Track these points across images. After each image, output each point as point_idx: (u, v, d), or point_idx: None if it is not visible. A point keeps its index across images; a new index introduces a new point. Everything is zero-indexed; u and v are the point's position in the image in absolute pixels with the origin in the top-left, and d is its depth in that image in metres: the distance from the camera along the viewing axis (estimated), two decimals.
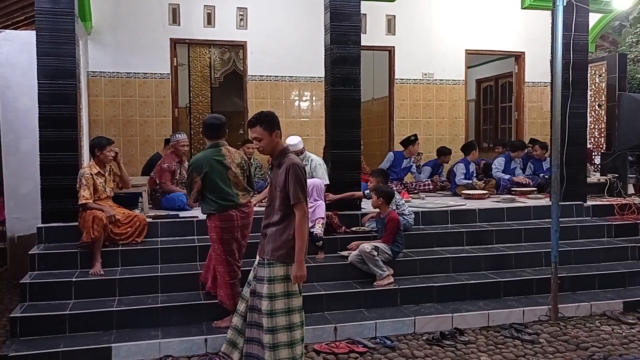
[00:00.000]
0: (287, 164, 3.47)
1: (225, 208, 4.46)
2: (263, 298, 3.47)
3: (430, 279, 5.51)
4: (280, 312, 3.46)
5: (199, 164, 4.49)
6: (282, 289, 3.47)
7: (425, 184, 8.20)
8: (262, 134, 3.49)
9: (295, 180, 3.41)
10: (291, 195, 3.41)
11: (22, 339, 4.35)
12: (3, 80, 6.65)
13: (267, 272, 3.48)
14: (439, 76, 9.31)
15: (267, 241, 3.52)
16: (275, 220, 3.50)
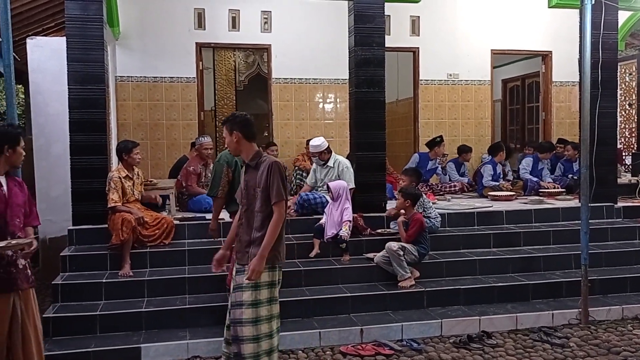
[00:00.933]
0: (267, 162, 3.42)
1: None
2: (244, 306, 3.34)
3: (457, 281, 5.47)
4: (264, 319, 3.38)
5: (231, 157, 4.63)
6: (267, 295, 3.39)
7: (451, 186, 8.14)
8: (225, 133, 3.55)
9: (279, 177, 3.37)
10: (274, 194, 3.35)
11: (54, 338, 4.44)
12: (34, 86, 6.79)
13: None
14: (465, 77, 9.24)
15: (253, 247, 3.40)
16: (258, 223, 3.41)
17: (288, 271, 5.29)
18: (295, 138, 8.79)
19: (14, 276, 3.30)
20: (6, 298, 3.25)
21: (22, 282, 3.34)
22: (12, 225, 3.32)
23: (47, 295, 5.91)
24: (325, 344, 4.63)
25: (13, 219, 3.32)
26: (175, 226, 5.70)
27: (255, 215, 3.42)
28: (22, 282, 3.34)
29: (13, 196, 3.35)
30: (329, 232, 5.52)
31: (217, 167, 4.72)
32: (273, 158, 3.50)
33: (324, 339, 4.65)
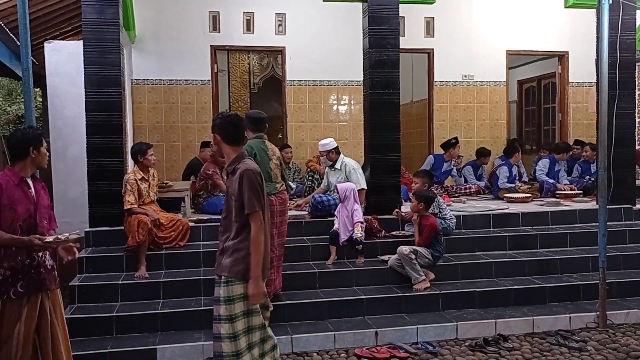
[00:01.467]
0: (240, 170, 3.20)
1: (268, 192, 4.58)
2: (222, 320, 3.17)
3: (473, 283, 5.43)
4: (242, 333, 3.19)
5: (250, 148, 4.66)
6: (242, 308, 3.18)
7: (467, 187, 8.09)
8: (214, 137, 3.37)
9: (250, 186, 3.13)
10: (245, 204, 3.13)
11: (71, 339, 4.43)
12: (52, 89, 6.87)
13: (225, 292, 3.18)
14: (480, 78, 9.18)
15: (225, 256, 3.22)
16: (233, 233, 3.22)
17: (303, 273, 5.32)
18: (310, 140, 8.79)
19: (43, 277, 3.35)
20: (35, 298, 3.31)
21: (51, 282, 3.41)
22: (41, 226, 3.36)
23: (64, 296, 5.92)
24: (340, 346, 4.63)
25: (42, 221, 3.36)
26: (191, 228, 5.73)
27: (232, 225, 3.23)
28: (51, 283, 3.41)
29: (40, 198, 3.40)
30: (343, 236, 5.52)
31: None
32: (249, 164, 3.26)
33: (339, 341, 4.65)
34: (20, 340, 3.25)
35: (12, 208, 3.26)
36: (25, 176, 3.37)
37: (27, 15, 3.99)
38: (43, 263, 3.37)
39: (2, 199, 3.22)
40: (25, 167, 3.34)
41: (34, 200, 3.34)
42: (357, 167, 6.18)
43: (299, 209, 6.66)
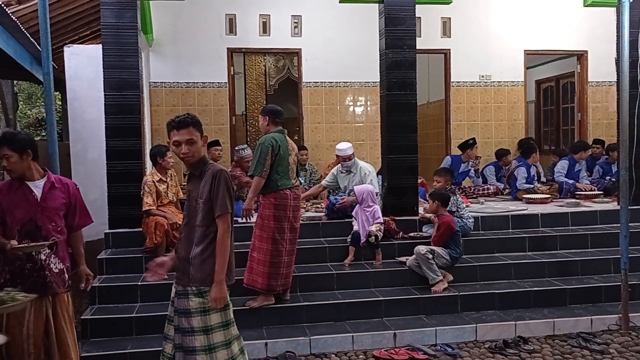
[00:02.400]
0: (212, 170, 3.04)
1: (282, 187, 4.73)
2: (196, 333, 2.99)
3: (492, 285, 5.38)
4: (220, 345, 3.03)
5: (275, 141, 4.74)
6: (219, 319, 3.05)
7: (485, 189, 8.03)
8: (196, 135, 3.05)
9: (225, 188, 3.00)
10: (218, 205, 2.97)
11: (92, 340, 4.53)
12: (71, 93, 6.96)
13: (197, 303, 3.01)
14: (497, 78, 9.11)
15: (193, 266, 3.02)
16: (199, 238, 3.03)
17: (320, 275, 5.32)
18: (326, 142, 8.79)
19: (48, 280, 3.36)
20: (40, 301, 3.30)
21: (58, 286, 3.40)
22: (46, 229, 3.36)
23: (84, 297, 6.03)
24: (358, 348, 4.61)
25: (46, 223, 3.36)
26: None
27: (195, 230, 3.04)
28: (58, 286, 3.40)
29: (48, 200, 3.39)
30: (363, 238, 5.51)
31: (262, 149, 4.73)
32: (219, 166, 3.12)
33: (357, 342, 4.63)
34: (30, 344, 3.28)
35: (10, 212, 3.30)
36: (28, 179, 3.38)
37: (48, 21, 4.04)
38: (48, 266, 3.37)
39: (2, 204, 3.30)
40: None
41: (37, 203, 3.34)
42: (373, 170, 6.16)
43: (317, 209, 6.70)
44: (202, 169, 3.08)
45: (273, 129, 4.89)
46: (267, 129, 4.93)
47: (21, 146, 3.32)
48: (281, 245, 4.74)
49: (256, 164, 4.72)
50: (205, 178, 3.04)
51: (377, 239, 5.48)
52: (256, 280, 4.77)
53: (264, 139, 4.81)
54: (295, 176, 4.93)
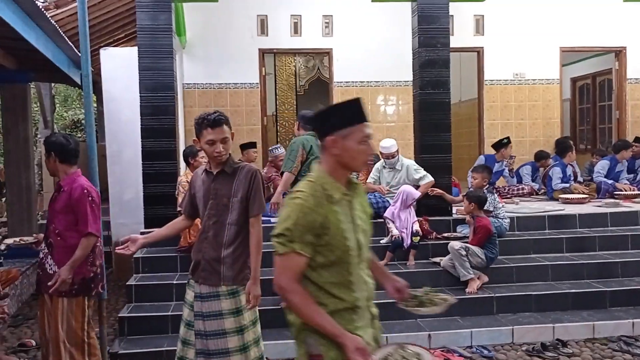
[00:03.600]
0: (248, 169, 3.03)
1: None
2: (229, 335, 2.95)
3: (528, 287, 5.28)
4: (252, 343, 3.03)
5: (307, 142, 4.98)
6: (250, 317, 3.04)
7: (519, 189, 7.88)
8: (229, 134, 3.02)
9: (261, 187, 3.02)
10: (256, 206, 2.97)
11: (129, 337, 4.60)
12: (107, 95, 7.09)
13: (231, 304, 2.97)
14: (532, 76, 8.94)
15: (224, 265, 2.98)
16: (230, 238, 2.99)
17: None
18: None
19: (39, 278, 3.60)
20: (42, 297, 3.60)
21: (47, 287, 3.49)
22: (49, 230, 3.58)
23: (120, 295, 6.16)
24: None
25: (50, 225, 3.57)
26: None
27: (226, 229, 2.99)
28: (47, 288, 3.49)
29: (53, 203, 3.59)
30: (408, 241, 5.47)
31: (293, 147, 5.01)
32: (253, 166, 3.12)
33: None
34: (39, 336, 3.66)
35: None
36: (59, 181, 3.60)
37: (87, 24, 4.12)
38: (42, 265, 3.58)
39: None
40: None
41: (50, 204, 3.58)
42: (415, 163, 6.07)
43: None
44: (233, 167, 3.04)
45: (302, 133, 5.18)
46: (298, 133, 5.25)
47: (47, 149, 3.56)
48: None
49: (287, 161, 5.03)
50: (239, 176, 3.00)
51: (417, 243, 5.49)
52: None
53: (295, 140, 5.15)
54: None
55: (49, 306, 3.55)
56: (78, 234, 3.51)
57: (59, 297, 3.51)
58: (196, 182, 3.16)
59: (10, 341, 4.96)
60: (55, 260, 3.52)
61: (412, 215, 5.57)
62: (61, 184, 3.58)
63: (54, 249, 3.54)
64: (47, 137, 3.77)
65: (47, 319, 3.56)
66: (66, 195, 3.53)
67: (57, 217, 3.53)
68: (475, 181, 5.82)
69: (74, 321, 3.57)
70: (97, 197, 3.67)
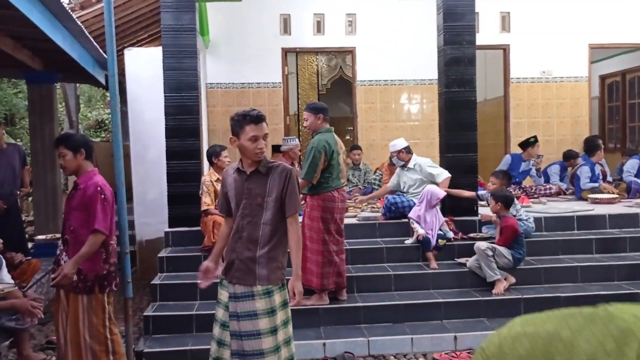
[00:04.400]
0: (281, 168, 3.00)
1: (332, 188, 4.68)
2: (263, 335, 2.91)
3: (557, 288, 5.17)
4: (283, 343, 3.02)
5: (328, 145, 4.69)
6: (282, 317, 3.02)
7: (547, 188, 7.73)
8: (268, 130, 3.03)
9: (297, 187, 3.02)
10: (292, 205, 2.97)
11: (154, 336, 4.62)
12: (131, 95, 7.13)
13: (265, 304, 2.94)
14: (559, 73, 8.79)
15: (259, 265, 2.95)
16: (267, 237, 2.98)
17: (377, 275, 5.24)
18: (381, 141, 8.70)
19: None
20: (59, 293, 3.64)
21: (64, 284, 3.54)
22: (64, 227, 3.62)
23: (144, 294, 6.19)
24: (417, 350, 4.52)
25: (65, 222, 3.62)
26: None
27: (261, 229, 2.98)
28: (63, 284, 3.53)
29: (69, 200, 3.63)
30: (434, 242, 5.40)
31: (316, 154, 4.64)
32: (287, 165, 3.09)
33: (416, 345, 4.54)
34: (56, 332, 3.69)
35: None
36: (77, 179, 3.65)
37: (113, 24, 4.13)
38: (58, 262, 3.62)
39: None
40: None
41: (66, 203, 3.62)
42: (430, 161, 5.99)
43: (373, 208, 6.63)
44: (267, 166, 3.01)
45: (324, 127, 4.84)
46: (319, 126, 4.86)
47: (75, 145, 3.59)
48: (330, 245, 4.73)
49: (308, 169, 4.65)
50: (273, 175, 2.98)
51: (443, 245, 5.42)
52: (311, 280, 4.76)
53: (317, 142, 4.72)
54: (344, 175, 4.90)
55: (64, 303, 3.59)
56: (89, 231, 3.54)
57: (77, 294, 3.55)
58: (227, 181, 3.14)
59: (38, 338, 5.01)
60: (70, 256, 3.56)
61: (439, 216, 5.48)
62: (78, 181, 3.62)
63: (69, 245, 3.58)
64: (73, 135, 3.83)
65: (62, 316, 3.59)
66: (81, 193, 3.58)
67: (72, 214, 3.58)
68: (492, 186, 5.70)
69: (95, 317, 3.60)
70: (111, 195, 3.67)
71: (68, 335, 3.56)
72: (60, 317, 3.61)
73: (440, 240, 5.39)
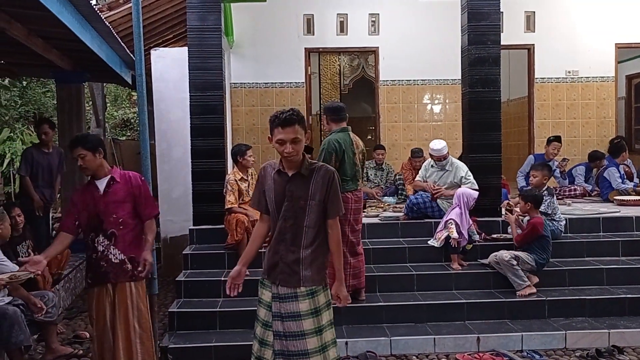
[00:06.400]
0: (324, 171, 2.94)
1: (345, 190, 4.60)
2: (308, 336, 2.91)
3: (582, 291, 5.11)
4: (331, 344, 3.01)
5: (338, 144, 4.60)
6: (328, 317, 3.02)
7: (571, 190, 7.64)
8: (301, 134, 2.87)
9: (339, 190, 2.97)
10: (335, 208, 2.95)
11: (178, 332, 4.69)
12: (157, 94, 7.23)
13: (309, 304, 2.93)
14: (585, 73, 8.68)
15: (303, 267, 2.95)
16: (308, 240, 2.96)
17: (399, 275, 5.24)
18: (403, 140, 8.69)
19: (104, 270, 3.64)
20: (100, 289, 3.65)
21: (118, 275, 3.63)
22: (107, 222, 3.63)
23: (169, 290, 6.29)
24: (440, 351, 4.52)
25: (108, 217, 3.63)
26: None
27: (304, 231, 2.95)
28: (118, 276, 3.63)
29: (109, 194, 3.65)
30: (464, 242, 5.38)
31: (325, 155, 4.58)
32: (330, 167, 3.01)
33: (439, 345, 4.53)
34: (94, 328, 3.70)
35: (83, 210, 3.65)
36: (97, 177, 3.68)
37: (141, 25, 4.21)
38: (105, 257, 3.64)
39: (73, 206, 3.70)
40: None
41: (100, 199, 3.63)
42: (465, 167, 5.87)
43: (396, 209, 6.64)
44: (310, 168, 2.95)
45: (335, 127, 4.75)
46: (328, 128, 4.82)
47: (94, 145, 3.65)
48: (343, 246, 4.68)
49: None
50: (316, 178, 2.93)
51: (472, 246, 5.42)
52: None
53: (327, 143, 4.65)
54: (360, 176, 4.84)
55: (111, 297, 3.64)
56: (138, 220, 3.70)
57: (126, 282, 3.65)
58: (266, 180, 3.06)
59: (65, 333, 5.12)
60: (120, 249, 3.63)
61: (467, 218, 5.44)
62: (113, 176, 3.70)
63: (117, 238, 3.64)
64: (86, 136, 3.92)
65: (105, 309, 3.64)
66: (124, 185, 3.67)
67: (119, 207, 3.64)
68: (535, 179, 5.62)
69: (142, 305, 3.73)
70: None
71: (118, 327, 3.62)
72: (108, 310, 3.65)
73: (468, 245, 5.35)
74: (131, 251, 3.67)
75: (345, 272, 4.67)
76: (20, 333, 3.92)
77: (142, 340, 3.68)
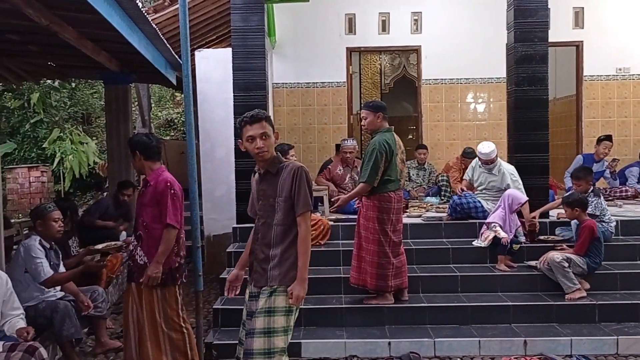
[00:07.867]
0: (291, 167, 2.95)
1: (388, 189, 4.64)
2: (256, 335, 2.88)
3: (634, 295, 4.94)
4: (279, 351, 2.89)
5: (388, 146, 4.63)
6: (283, 323, 2.92)
7: (622, 191, 7.39)
8: (269, 130, 2.96)
9: (306, 185, 2.93)
10: (300, 204, 2.89)
11: (222, 328, 4.75)
12: (201, 95, 7.33)
13: (265, 302, 2.91)
14: (637, 71, 8.38)
15: (272, 265, 2.93)
16: (279, 238, 2.94)
17: (443, 276, 5.18)
18: (446, 140, 8.58)
19: (131, 269, 3.78)
20: (129, 286, 3.79)
21: (140, 277, 3.68)
22: (137, 223, 3.77)
23: (211, 287, 6.38)
24: (485, 353, 4.44)
25: (138, 218, 3.76)
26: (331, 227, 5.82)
27: (273, 229, 2.95)
28: (140, 277, 3.68)
29: (141, 196, 3.78)
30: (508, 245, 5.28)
31: (377, 155, 4.58)
32: (297, 163, 3.03)
33: (484, 348, 4.46)
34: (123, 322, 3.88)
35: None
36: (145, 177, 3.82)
37: (187, 27, 4.27)
38: (133, 257, 3.77)
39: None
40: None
41: (137, 200, 3.81)
42: (515, 173, 5.70)
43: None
44: (278, 166, 2.99)
45: (384, 126, 4.78)
46: (379, 125, 4.79)
47: (131, 148, 3.80)
48: (386, 246, 4.69)
49: (370, 171, 4.58)
50: (283, 175, 2.95)
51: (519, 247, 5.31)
52: (365, 280, 4.78)
53: (377, 143, 4.65)
54: (401, 175, 4.82)
55: (135, 296, 3.74)
56: (162, 225, 3.69)
57: (151, 287, 3.70)
58: (252, 184, 3.17)
59: (114, 327, 5.26)
60: (144, 251, 3.72)
61: (516, 220, 5.34)
62: (148, 179, 3.79)
63: (143, 240, 3.74)
64: (130, 137, 4.06)
65: (132, 307, 3.74)
66: (152, 189, 3.73)
67: (145, 210, 3.73)
68: (579, 187, 5.46)
69: (169, 309, 3.77)
70: (180, 190, 3.82)
71: (145, 326, 3.71)
72: (131, 308, 3.77)
73: (515, 245, 5.24)
74: (152, 256, 3.68)
75: (388, 272, 4.69)
76: (72, 326, 4.05)
77: (171, 340, 3.75)
